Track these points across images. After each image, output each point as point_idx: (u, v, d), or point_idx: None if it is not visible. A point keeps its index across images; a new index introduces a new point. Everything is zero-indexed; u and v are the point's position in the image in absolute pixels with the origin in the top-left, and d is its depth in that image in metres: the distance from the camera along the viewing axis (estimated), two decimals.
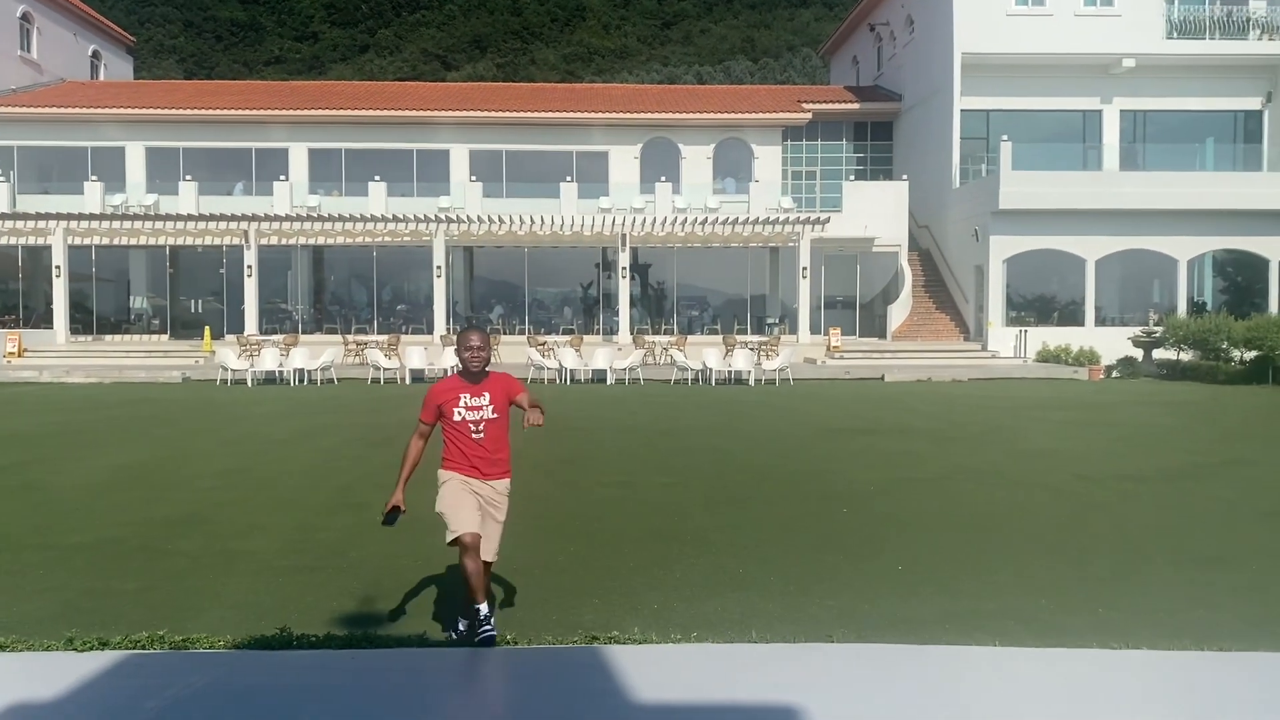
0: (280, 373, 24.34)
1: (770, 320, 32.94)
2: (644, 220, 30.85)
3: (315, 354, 24.85)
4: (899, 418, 15.69)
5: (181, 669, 4.55)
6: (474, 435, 5.14)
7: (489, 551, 5.19)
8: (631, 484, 9.94)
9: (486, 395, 5.18)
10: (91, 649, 4.78)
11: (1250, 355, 23.91)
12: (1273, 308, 28.47)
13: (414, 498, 5.41)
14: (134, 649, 4.82)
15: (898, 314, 32.11)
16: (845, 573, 6.62)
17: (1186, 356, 26.03)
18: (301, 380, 23.99)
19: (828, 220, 31.02)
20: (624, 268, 30.66)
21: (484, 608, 5.01)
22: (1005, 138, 29.60)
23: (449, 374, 5.71)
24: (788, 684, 4.27)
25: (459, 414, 5.15)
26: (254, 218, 30.71)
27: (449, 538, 5.08)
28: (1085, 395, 20.19)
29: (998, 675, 4.59)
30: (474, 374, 5.23)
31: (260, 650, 4.79)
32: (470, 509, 5.09)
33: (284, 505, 8.81)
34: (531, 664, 4.78)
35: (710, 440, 13.06)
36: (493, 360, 5.29)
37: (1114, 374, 26.17)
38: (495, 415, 5.19)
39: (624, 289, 30.75)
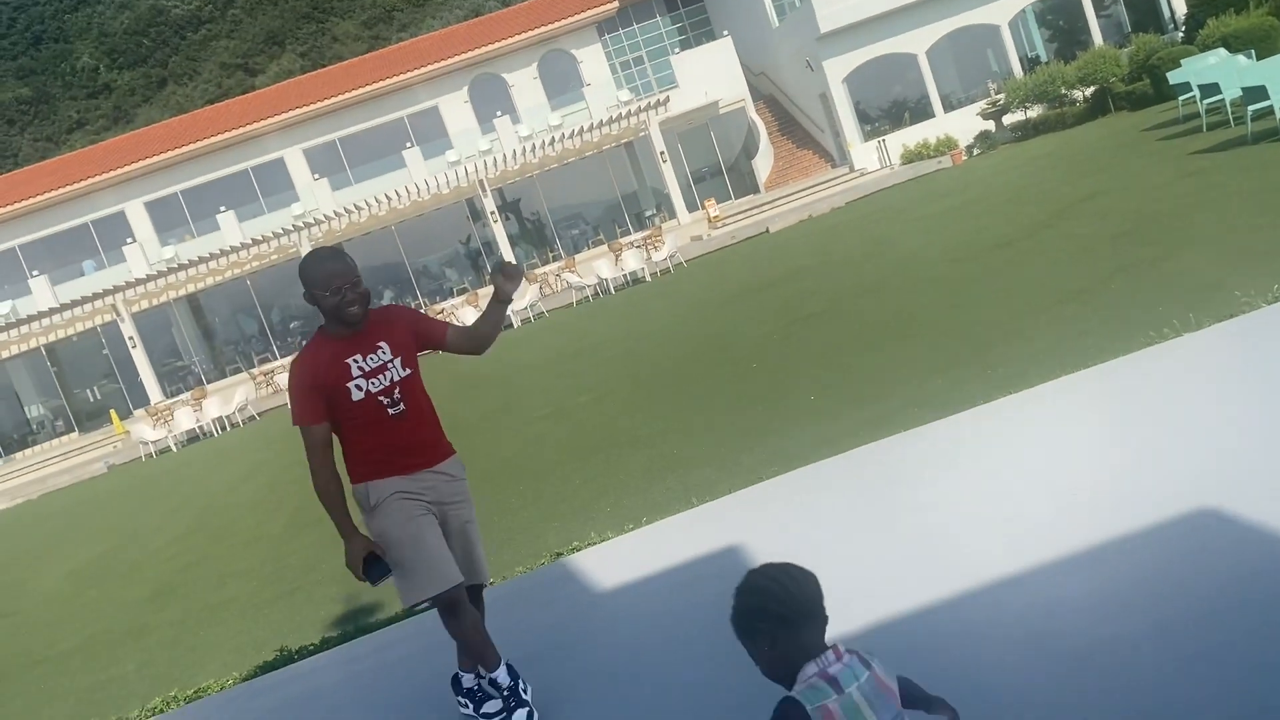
0: (200, 428, 24.11)
1: (648, 213, 33.22)
2: (495, 160, 30.68)
3: (227, 399, 24.61)
4: (787, 263, 16.25)
5: (202, 717, 4.87)
6: (391, 411, 3.38)
7: (476, 577, 3.53)
8: (559, 411, 10.35)
9: (384, 346, 3.44)
10: None
11: (1089, 91, 24.90)
12: (1096, 39, 29.48)
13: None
14: (153, 716, 5.12)
15: (763, 165, 32.60)
16: (763, 419, 7.13)
17: (1034, 113, 26.98)
18: (223, 429, 23.80)
19: (668, 99, 31.14)
20: (492, 211, 30.57)
21: (502, 674, 3.44)
22: None
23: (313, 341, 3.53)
24: (734, 528, 4.74)
25: (358, 388, 3.34)
26: (116, 289, 29.89)
27: (412, 600, 3.39)
28: (950, 181, 20.97)
29: (915, 453, 5.11)
30: (352, 321, 3.41)
31: (266, 674, 5.12)
32: (433, 542, 3.35)
33: (246, 547, 9.06)
34: (514, 592, 5.12)
35: (619, 347, 13.50)
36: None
37: (974, 152, 27.08)
38: (407, 371, 3.44)
39: (499, 232, 30.72)
